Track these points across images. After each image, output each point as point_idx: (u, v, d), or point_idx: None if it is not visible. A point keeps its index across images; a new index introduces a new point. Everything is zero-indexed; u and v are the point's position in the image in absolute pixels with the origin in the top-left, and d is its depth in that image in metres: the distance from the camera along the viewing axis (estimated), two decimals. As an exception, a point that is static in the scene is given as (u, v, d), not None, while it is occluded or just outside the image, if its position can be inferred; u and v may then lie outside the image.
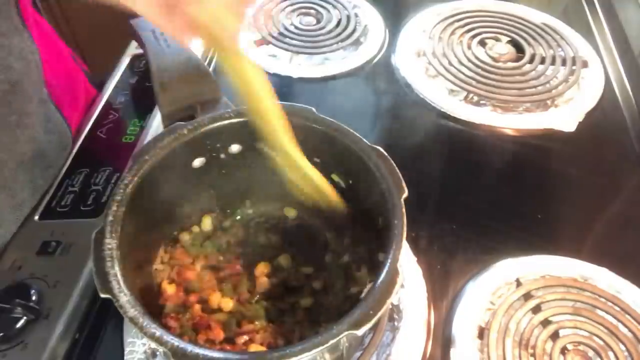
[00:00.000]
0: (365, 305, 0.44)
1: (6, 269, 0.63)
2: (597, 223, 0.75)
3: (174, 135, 0.57)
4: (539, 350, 0.60)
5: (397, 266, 0.46)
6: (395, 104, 0.93)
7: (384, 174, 0.53)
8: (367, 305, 0.44)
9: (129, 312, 0.44)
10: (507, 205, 0.77)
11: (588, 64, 0.96)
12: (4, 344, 0.57)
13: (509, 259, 0.68)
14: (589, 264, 0.68)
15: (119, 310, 0.44)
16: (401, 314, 0.63)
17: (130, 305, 0.44)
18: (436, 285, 0.67)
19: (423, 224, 0.72)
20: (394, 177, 0.52)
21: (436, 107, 0.89)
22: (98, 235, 0.49)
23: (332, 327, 0.42)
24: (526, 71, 0.93)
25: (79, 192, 0.72)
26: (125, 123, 0.82)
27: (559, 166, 0.82)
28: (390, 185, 0.52)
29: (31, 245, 0.66)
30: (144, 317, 0.44)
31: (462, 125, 0.87)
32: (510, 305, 0.63)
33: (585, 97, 0.90)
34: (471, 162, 0.82)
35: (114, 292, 0.45)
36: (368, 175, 0.54)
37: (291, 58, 0.97)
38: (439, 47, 0.98)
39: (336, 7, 1.06)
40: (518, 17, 1.04)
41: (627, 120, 0.89)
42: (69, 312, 0.60)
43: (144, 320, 0.44)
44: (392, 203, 0.51)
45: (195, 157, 0.60)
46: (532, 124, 0.86)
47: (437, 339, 0.62)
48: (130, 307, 0.44)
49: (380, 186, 0.52)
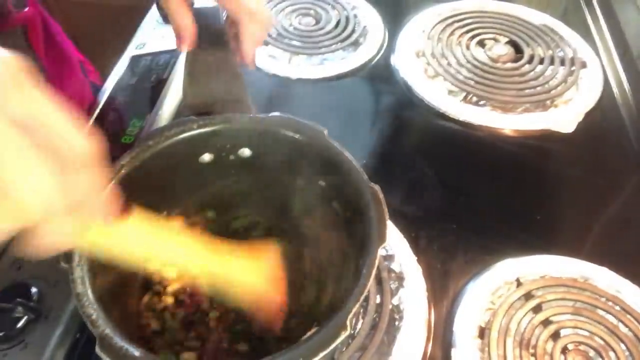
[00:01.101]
0: (297, 350, 0.41)
1: (6, 269, 0.63)
2: (597, 223, 0.75)
3: (182, 127, 0.57)
4: (540, 350, 0.60)
5: (347, 320, 0.43)
6: (394, 105, 0.93)
7: (372, 217, 0.50)
8: (299, 351, 0.41)
9: (78, 288, 0.43)
10: (507, 205, 0.77)
11: (587, 64, 0.96)
12: (5, 343, 0.56)
13: (509, 259, 0.68)
14: (589, 263, 0.68)
15: (70, 284, 0.43)
16: (401, 314, 0.63)
17: (80, 282, 0.44)
18: (436, 285, 0.67)
19: (423, 224, 0.72)
20: (380, 224, 0.50)
21: (435, 107, 0.89)
22: None
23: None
24: (525, 72, 0.94)
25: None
26: (124, 123, 0.82)
27: (558, 166, 0.83)
28: (373, 230, 0.49)
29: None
30: (89, 296, 0.43)
31: (461, 126, 0.87)
32: (510, 305, 0.63)
33: (584, 97, 0.90)
34: (470, 163, 0.83)
35: (72, 264, 0.44)
36: (362, 215, 0.52)
37: (290, 59, 0.97)
38: (438, 48, 0.98)
39: (335, 7, 1.06)
40: (517, 18, 1.04)
41: (626, 120, 0.89)
42: (69, 312, 0.60)
43: (87, 300, 0.43)
44: (368, 251, 0.48)
45: (203, 153, 0.60)
46: (531, 125, 0.86)
47: (438, 339, 0.62)
48: (80, 283, 0.43)
49: (365, 228, 0.50)
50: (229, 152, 0.60)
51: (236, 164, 0.61)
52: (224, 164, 0.61)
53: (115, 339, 0.41)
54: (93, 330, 0.41)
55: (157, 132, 0.56)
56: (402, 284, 0.65)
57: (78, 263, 0.45)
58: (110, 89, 0.88)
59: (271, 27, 0.60)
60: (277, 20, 1.04)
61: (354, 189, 0.53)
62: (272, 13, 1.04)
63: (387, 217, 0.50)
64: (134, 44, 0.97)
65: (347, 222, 0.57)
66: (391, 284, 0.65)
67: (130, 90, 0.88)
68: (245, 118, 0.59)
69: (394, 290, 0.65)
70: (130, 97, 0.87)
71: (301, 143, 0.56)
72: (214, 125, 0.58)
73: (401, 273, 0.66)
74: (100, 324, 0.42)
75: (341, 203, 0.58)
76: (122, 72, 0.92)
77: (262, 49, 0.99)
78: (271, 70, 0.95)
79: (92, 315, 0.42)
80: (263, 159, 0.60)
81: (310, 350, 0.41)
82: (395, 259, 0.67)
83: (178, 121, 0.57)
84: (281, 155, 0.59)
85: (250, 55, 0.63)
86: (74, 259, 0.45)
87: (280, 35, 1.01)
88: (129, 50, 0.96)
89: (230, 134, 0.59)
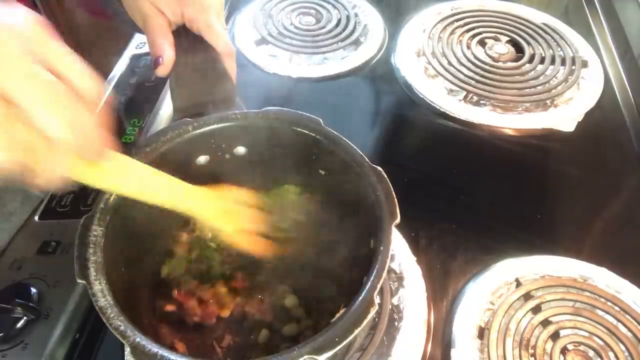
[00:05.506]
0: (332, 331, 0.42)
1: (6, 269, 0.63)
2: (597, 223, 0.75)
3: (178, 131, 0.57)
4: (539, 351, 0.60)
5: (374, 296, 0.44)
6: (394, 104, 0.93)
7: (379, 196, 0.51)
8: (334, 332, 0.42)
9: (100, 301, 0.43)
10: (507, 205, 0.77)
11: (588, 64, 0.96)
12: (4, 344, 0.57)
13: (509, 259, 0.68)
14: (588, 264, 0.68)
15: (92, 298, 0.44)
16: (401, 314, 0.63)
17: (101, 295, 0.44)
18: (436, 285, 0.67)
19: (423, 224, 0.72)
20: (389, 201, 0.51)
21: (436, 107, 0.89)
22: (86, 220, 0.48)
23: (294, 349, 0.41)
24: (526, 71, 0.93)
25: (78, 192, 0.72)
26: (124, 123, 0.82)
27: (558, 166, 0.83)
28: (383, 209, 0.50)
29: (31, 245, 0.66)
30: (113, 308, 0.43)
31: (462, 125, 0.87)
32: (510, 305, 0.63)
33: (584, 97, 0.90)
34: (471, 162, 0.82)
35: (89, 279, 0.44)
36: (366, 196, 0.53)
37: (291, 58, 0.97)
38: (438, 47, 0.98)
39: (336, 7, 1.06)
40: (518, 17, 1.04)
41: (627, 120, 0.89)
42: (69, 312, 0.60)
43: (112, 311, 0.43)
44: (382, 228, 0.49)
45: (199, 155, 0.60)
46: (531, 124, 0.86)
47: (437, 339, 0.62)
48: (101, 297, 0.44)
49: (374, 208, 0.51)
50: (224, 152, 0.61)
51: (233, 162, 0.62)
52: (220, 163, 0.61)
53: (148, 345, 0.41)
54: (124, 341, 0.41)
55: (153, 138, 0.56)
56: (401, 284, 0.65)
57: (95, 277, 0.45)
58: (110, 89, 0.88)
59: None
60: (278, 20, 1.04)
61: (357, 172, 0.54)
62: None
63: (394, 195, 0.51)
64: (134, 43, 0.97)
65: (348, 206, 0.58)
66: (391, 284, 0.65)
67: (130, 89, 0.88)
68: (239, 115, 0.59)
69: (393, 290, 0.65)
70: (130, 97, 0.87)
71: (298, 134, 0.56)
72: (209, 125, 0.58)
73: (401, 273, 0.66)
74: (129, 334, 0.42)
75: (344, 189, 0.58)
76: (122, 72, 0.92)
77: (262, 48, 0.99)
78: (272, 69, 0.95)
79: (120, 327, 0.42)
80: (260, 155, 0.60)
81: (344, 330, 0.42)
82: (395, 259, 0.67)
83: (173, 125, 0.57)
84: (279, 148, 0.59)
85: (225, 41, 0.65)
86: (90, 274, 0.45)
87: (281, 34, 1.01)
88: (129, 50, 0.96)
89: (227, 132, 0.59)
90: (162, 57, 0.62)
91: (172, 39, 0.64)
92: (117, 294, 0.46)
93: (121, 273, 0.51)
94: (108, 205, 0.50)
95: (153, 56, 0.63)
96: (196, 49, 0.65)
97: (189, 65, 0.64)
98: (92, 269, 0.45)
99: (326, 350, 0.41)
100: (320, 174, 0.58)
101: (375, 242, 0.49)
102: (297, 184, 0.63)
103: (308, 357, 0.40)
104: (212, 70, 0.64)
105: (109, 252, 0.48)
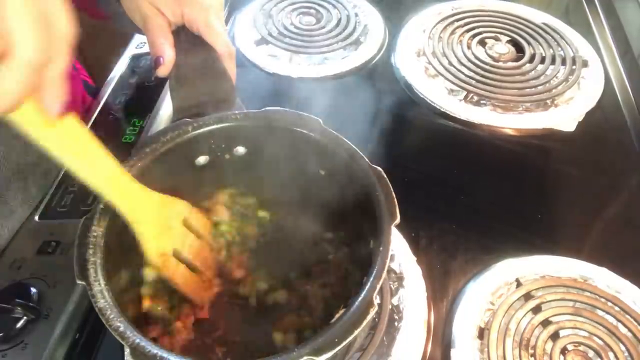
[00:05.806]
0: (332, 331, 0.42)
1: (6, 269, 0.63)
2: (597, 223, 0.75)
3: (178, 131, 0.57)
4: (539, 351, 0.60)
5: (374, 296, 0.44)
6: (395, 104, 0.92)
7: (379, 196, 0.51)
8: (333, 332, 0.42)
9: (99, 302, 0.43)
10: (507, 205, 0.77)
11: (588, 63, 0.96)
12: (4, 344, 0.57)
13: (509, 259, 0.68)
14: (589, 264, 0.68)
15: (91, 299, 0.44)
16: (401, 314, 0.63)
17: (101, 296, 0.44)
18: (436, 285, 0.67)
19: (423, 224, 0.72)
20: (389, 201, 0.51)
21: (436, 106, 0.89)
22: (86, 221, 0.49)
23: (293, 350, 0.41)
24: (526, 71, 0.93)
25: (78, 192, 0.72)
26: (124, 123, 0.82)
27: (558, 166, 0.83)
28: (383, 209, 0.50)
29: (31, 245, 0.66)
30: (113, 309, 0.43)
31: (462, 125, 0.87)
32: (510, 305, 0.63)
33: (585, 96, 0.90)
34: (471, 162, 0.82)
35: (89, 280, 0.44)
36: (365, 196, 0.52)
37: (291, 58, 0.97)
38: (438, 47, 0.98)
39: (336, 6, 1.06)
40: (518, 17, 1.04)
41: (627, 119, 0.89)
42: (69, 312, 0.60)
43: (112, 312, 0.43)
44: (381, 228, 0.49)
45: (199, 155, 0.60)
46: (532, 124, 0.86)
47: (437, 339, 0.62)
48: (101, 298, 0.44)
49: (374, 208, 0.51)
50: (224, 152, 0.60)
51: (232, 162, 0.61)
52: (220, 163, 0.61)
53: (148, 347, 0.41)
54: (123, 342, 0.41)
55: (153, 138, 0.56)
56: (401, 284, 0.65)
57: (95, 278, 0.45)
58: (110, 89, 0.88)
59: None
60: (278, 20, 1.04)
61: (357, 172, 0.54)
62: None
63: (394, 195, 0.51)
64: (134, 43, 0.97)
65: (352, 209, 0.57)
66: (391, 284, 0.65)
67: (130, 89, 0.88)
68: (239, 115, 0.59)
69: (393, 291, 0.65)
70: (130, 97, 0.87)
71: (297, 134, 0.56)
72: (209, 126, 0.58)
73: (401, 273, 0.66)
74: (129, 336, 0.42)
75: (344, 189, 0.58)
76: (122, 72, 0.92)
77: (262, 47, 0.99)
78: (272, 69, 0.95)
79: (120, 328, 0.42)
80: (259, 155, 0.60)
81: (343, 330, 0.42)
82: (395, 259, 0.67)
83: (173, 125, 0.57)
84: (278, 148, 0.59)
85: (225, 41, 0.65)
86: (89, 275, 0.45)
87: (281, 34, 1.01)
88: (129, 50, 0.96)
89: (227, 132, 0.59)
90: (162, 57, 0.62)
91: (172, 39, 0.64)
92: (117, 295, 0.46)
93: (121, 274, 0.51)
94: (108, 205, 0.50)
95: (153, 56, 0.63)
96: (196, 49, 0.65)
97: (189, 65, 0.64)
98: (91, 269, 0.45)
99: (326, 351, 0.41)
100: (320, 174, 0.58)
101: (375, 242, 0.49)
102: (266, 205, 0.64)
103: (307, 358, 0.40)
104: (212, 70, 0.64)
105: (109, 252, 0.48)
